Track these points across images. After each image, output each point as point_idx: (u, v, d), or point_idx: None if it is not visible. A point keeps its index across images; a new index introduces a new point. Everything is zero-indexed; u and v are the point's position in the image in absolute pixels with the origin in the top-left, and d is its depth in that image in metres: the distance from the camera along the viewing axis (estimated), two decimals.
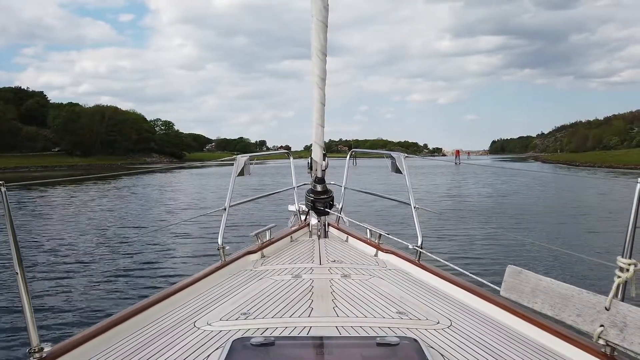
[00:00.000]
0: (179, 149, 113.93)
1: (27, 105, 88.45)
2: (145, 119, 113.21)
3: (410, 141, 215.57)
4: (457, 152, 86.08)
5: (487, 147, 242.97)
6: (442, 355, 1.89)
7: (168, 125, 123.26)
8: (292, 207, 4.88)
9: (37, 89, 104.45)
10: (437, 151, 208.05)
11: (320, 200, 4.13)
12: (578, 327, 1.94)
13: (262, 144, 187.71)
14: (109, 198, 24.13)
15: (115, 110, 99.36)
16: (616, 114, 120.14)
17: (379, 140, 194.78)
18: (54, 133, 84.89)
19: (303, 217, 4.63)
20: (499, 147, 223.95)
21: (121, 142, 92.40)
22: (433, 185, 28.29)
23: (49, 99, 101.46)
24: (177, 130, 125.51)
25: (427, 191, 23.94)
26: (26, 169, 63.48)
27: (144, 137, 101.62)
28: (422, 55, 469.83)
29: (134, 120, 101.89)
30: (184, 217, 15.20)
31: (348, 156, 5.02)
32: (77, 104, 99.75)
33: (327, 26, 3.89)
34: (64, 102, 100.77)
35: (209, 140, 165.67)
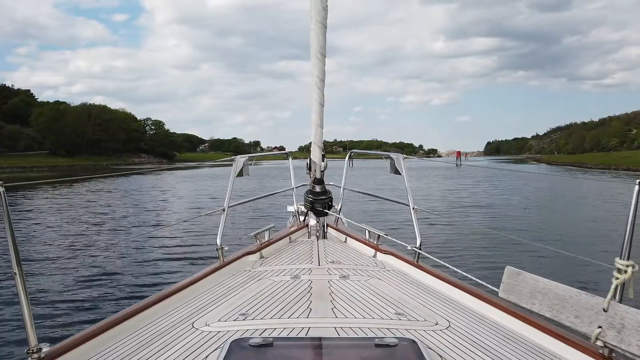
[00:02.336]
0: (169, 149, 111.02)
1: (11, 104, 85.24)
2: (135, 118, 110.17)
3: (405, 142, 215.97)
4: (458, 153, 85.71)
5: (481, 148, 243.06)
6: (440, 356, 1.89)
7: (158, 124, 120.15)
8: (291, 208, 4.88)
9: (31, 89, 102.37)
10: (433, 152, 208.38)
11: (319, 201, 4.13)
12: (576, 329, 1.94)
13: (256, 144, 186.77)
14: (104, 199, 24.10)
15: (102, 108, 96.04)
16: (611, 115, 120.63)
17: (374, 141, 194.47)
18: (37, 132, 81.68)
19: (302, 218, 4.63)
20: (494, 149, 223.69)
21: (108, 142, 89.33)
22: (447, 191, 25.55)
23: (36, 97, 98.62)
24: (167, 130, 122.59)
25: (442, 198, 21.82)
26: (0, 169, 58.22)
27: (133, 137, 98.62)
28: (416, 56, 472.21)
29: (123, 119, 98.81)
30: (183, 218, 15.19)
31: (347, 157, 5.02)
32: (64, 103, 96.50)
33: (326, 27, 3.90)
34: (52, 101, 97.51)
35: (202, 141, 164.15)
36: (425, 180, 33.35)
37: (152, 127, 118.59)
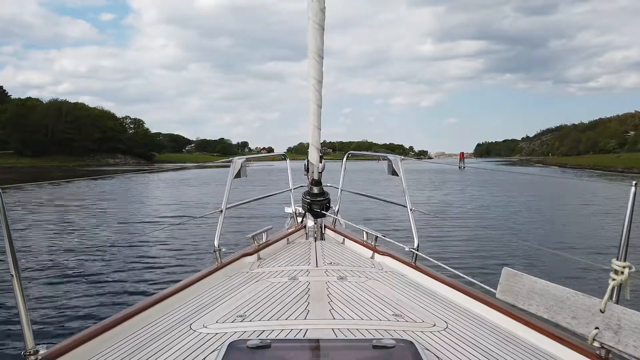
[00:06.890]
0: (149, 149, 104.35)
1: None
2: (114, 115, 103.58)
3: (395, 143, 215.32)
4: (462, 154, 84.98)
5: (470, 150, 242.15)
6: (438, 357, 1.90)
7: (138, 123, 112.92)
8: (288, 209, 4.88)
9: (15, 88, 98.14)
10: (423, 154, 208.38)
11: (317, 203, 4.14)
12: (573, 330, 1.95)
13: (244, 145, 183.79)
14: (97, 201, 23.99)
15: (75, 105, 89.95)
16: (602, 117, 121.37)
17: (364, 142, 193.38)
18: (2, 130, 75.03)
19: (299, 219, 4.63)
20: (485, 150, 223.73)
21: (81, 141, 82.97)
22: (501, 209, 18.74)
23: (9, 94, 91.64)
24: (147, 129, 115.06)
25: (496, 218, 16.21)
26: None
27: (109, 136, 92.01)
28: (404, 58, 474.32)
29: (98, 117, 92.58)
30: (180, 220, 15.15)
31: (344, 158, 5.02)
32: (37, 99, 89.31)
33: (323, 29, 3.91)
34: (23, 98, 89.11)
35: (188, 141, 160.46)
36: (446, 189, 26.99)
37: (132, 125, 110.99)
